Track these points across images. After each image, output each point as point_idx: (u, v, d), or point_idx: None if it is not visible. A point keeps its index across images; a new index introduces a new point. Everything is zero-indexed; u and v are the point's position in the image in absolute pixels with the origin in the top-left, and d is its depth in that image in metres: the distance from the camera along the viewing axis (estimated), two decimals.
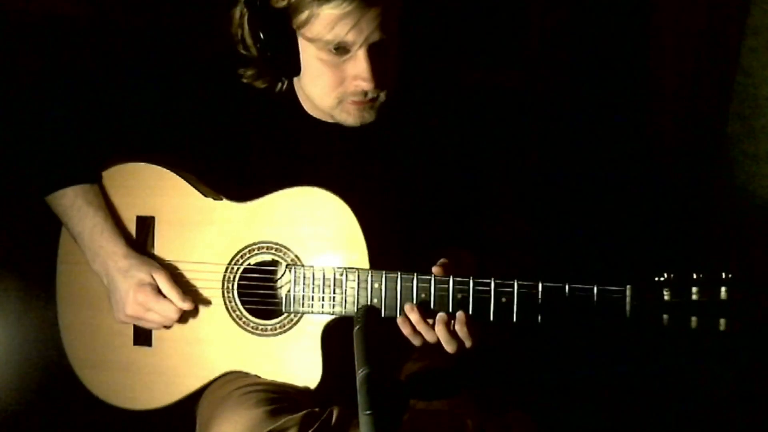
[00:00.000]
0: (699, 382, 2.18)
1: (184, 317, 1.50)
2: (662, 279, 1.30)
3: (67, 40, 1.90)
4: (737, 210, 2.10)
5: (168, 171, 1.52)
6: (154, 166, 1.52)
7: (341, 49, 1.35)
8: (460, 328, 1.35)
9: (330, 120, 1.49)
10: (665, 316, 1.30)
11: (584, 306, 1.32)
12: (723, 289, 1.27)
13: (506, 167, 2.29)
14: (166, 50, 1.92)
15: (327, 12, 1.29)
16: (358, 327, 1.24)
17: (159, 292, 1.47)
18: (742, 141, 2.08)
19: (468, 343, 1.36)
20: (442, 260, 1.39)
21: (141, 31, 1.97)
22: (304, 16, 1.32)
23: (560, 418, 2.05)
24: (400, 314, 1.38)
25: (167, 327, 1.50)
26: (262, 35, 1.38)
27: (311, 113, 1.52)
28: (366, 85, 1.37)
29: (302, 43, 1.38)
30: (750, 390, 2.05)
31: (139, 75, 1.56)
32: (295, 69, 1.41)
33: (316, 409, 1.36)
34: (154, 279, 1.47)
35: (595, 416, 2.11)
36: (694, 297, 1.28)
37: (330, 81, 1.39)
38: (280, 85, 1.49)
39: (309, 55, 1.38)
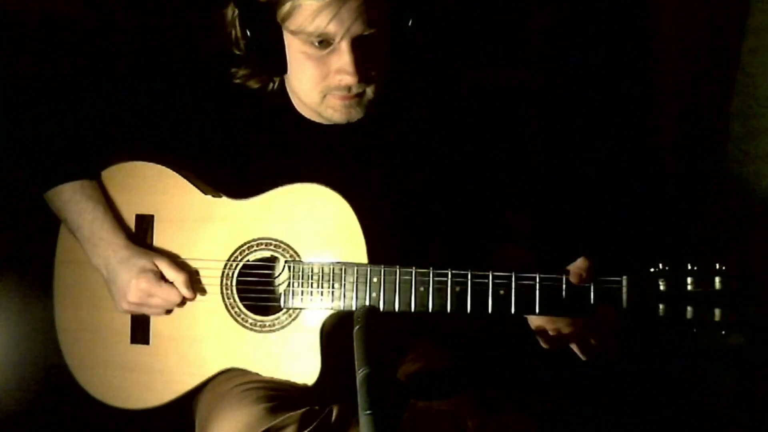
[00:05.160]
0: (699, 382, 2.17)
1: (182, 314, 1.50)
2: (658, 270, 1.32)
3: (66, 40, 1.90)
4: (737, 209, 2.09)
5: (167, 169, 1.52)
6: (153, 165, 1.53)
7: (324, 42, 1.35)
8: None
9: (321, 120, 1.50)
10: (661, 306, 1.31)
11: (582, 297, 1.33)
12: (717, 279, 1.29)
13: (504, 163, 2.28)
14: (163, 50, 1.92)
15: (308, 2, 1.31)
16: (358, 327, 1.24)
17: (161, 278, 1.47)
18: (742, 141, 2.07)
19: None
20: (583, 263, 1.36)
21: (139, 30, 1.97)
22: (286, 7, 1.33)
23: (560, 420, 2.05)
24: (399, 309, 1.38)
25: (168, 312, 1.50)
26: (249, 32, 1.39)
27: (303, 114, 1.52)
28: (349, 79, 1.37)
29: (288, 39, 1.39)
30: (750, 390, 2.05)
31: (136, 74, 1.58)
32: (282, 67, 1.42)
33: (316, 407, 1.36)
34: (156, 266, 1.48)
35: (595, 417, 2.11)
36: (689, 287, 1.30)
37: (314, 75, 1.39)
38: (271, 85, 1.50)
39: (294, 50, 1.39)
